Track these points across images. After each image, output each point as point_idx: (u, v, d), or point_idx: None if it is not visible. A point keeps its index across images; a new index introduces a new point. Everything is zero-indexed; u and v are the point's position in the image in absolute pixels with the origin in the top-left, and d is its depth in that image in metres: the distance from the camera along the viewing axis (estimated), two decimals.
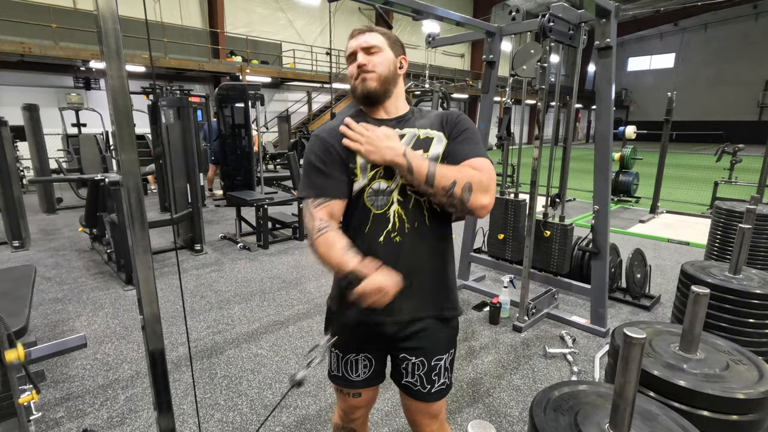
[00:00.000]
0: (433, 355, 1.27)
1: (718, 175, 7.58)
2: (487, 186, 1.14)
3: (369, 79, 1.19)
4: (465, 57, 24.01)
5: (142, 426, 2.09)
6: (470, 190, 1.11)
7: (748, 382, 1.29)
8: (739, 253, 2.01)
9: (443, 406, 1.37)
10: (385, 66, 1.20)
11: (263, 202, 4.90)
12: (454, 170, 1.13)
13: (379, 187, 1.20)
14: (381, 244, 1.20)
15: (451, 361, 1.32)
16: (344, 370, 1.33)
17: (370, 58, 1.20)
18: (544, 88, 2.82)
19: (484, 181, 1.13)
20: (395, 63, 1.23)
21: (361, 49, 1.20)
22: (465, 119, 1.25)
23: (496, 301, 3.19)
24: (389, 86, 1.22)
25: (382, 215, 1.20)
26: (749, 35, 25.64)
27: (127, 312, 3.32)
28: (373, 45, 1.20)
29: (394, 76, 1.23)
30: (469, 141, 1.21)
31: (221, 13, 13.77)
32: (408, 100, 1.32)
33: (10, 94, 10.46)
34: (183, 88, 7.99)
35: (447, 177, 1.11)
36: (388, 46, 1.22)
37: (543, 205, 3.42)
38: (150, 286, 1.22)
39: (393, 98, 1.25)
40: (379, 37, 1.22)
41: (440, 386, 1.29)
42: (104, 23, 1.03)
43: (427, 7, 2.84)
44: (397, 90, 1.25)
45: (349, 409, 1.40)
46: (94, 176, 4.09)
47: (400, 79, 1.26)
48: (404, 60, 1.26)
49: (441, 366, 1.28)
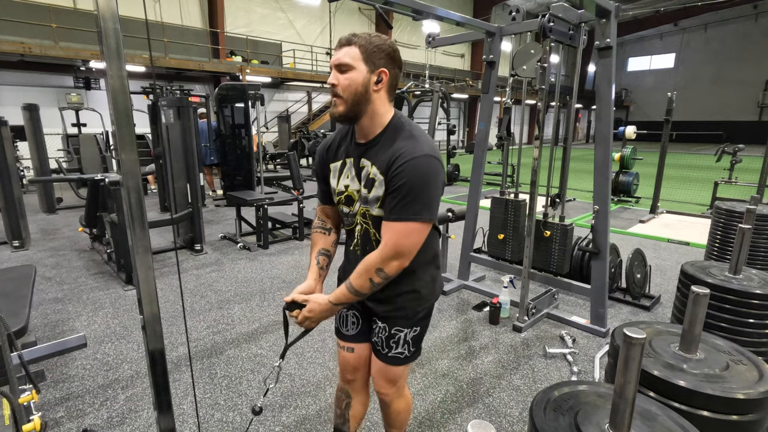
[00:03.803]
0: (394, 325, 1.42)
1: (718, 175, 7.58)
2: (391, 257, 1.24)
3: (337, 104, 1.25)
4: (465, 57, 24.01)
5: (142, 426, 2.09)
6: (379, 270, 1.25)
7: (748, 382, 1.29)
8: (739, 253, 2.02)
9: (401, 376, 1.51)
10: (352, 90, 1.22)
11: (263, 202, 4.90)
12: (362, 272, 1.27)
13: (343, 210, 1.41)
14: (351, 252, 1.45)
15: (413, 337, 1.44)
16: (339, 323, 1.55)
17: (340, 79, 1.23)
18: (544, 88, 2.82)
19: (386, 256, 1.24)
20: (368, 80, 1.23)
21: (334, 66, 1.24)
22: (407, 170, 1.20)
23: (496, 301, 3.19)
24: (359, 107, 1.25)
25: (350, 231, 1.43)
26: (749, 35, 25.64)
27: (127, 312, 3.32)
28: (345, 63, 1.22)
29: (364, 97, 1.24)
30: (396, 198, 1.22)
31: (221, 13, 13.77)
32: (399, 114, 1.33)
33: (10, 94, 10.47)
34: (183, 88, 7.98)
35: (363, 282, 1.27)
36: (364, 61, 1.22)
37: (543, 205, 3.42)
38: (150, 286, 1.22)
39: (367, 118, 1.27)
40: (354, 51, 1.22)
41: (396, 354, 1.44)
42: (104, 23, 1.03)
43: (427, 7, 2.84)
44: (371, 107, 1.26)
45: (344, 365, 1.57)
46: (94, 176, 4.08)
47: (378, 94, 1.25)
48: (384, 73, 1.25)
49: (400, 337, 1.42)
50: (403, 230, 1.22)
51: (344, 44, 1.23)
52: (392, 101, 1.32)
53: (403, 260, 1.25)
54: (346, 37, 1.24)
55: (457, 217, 4.05)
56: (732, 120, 26.34)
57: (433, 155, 1.23)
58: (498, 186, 8.13)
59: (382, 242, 1.26)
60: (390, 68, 1.26)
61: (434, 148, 1.26)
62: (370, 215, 1.33)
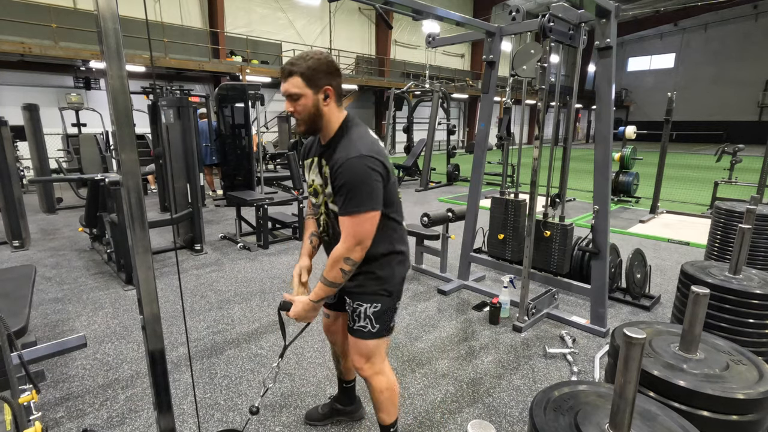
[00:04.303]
0: (356, 299, 1.61)
1: (718, 175, 7.58)
2: (354, 245, 1.44)
3: (299, 125, 1.50)
4: (465, 57, 24.01)
5: (142, 426, 2.09)
6: (347, 259, 1.45)
7: (748, 383, 1.29)
8: (739, 253, 2.02)
9: (373, 353, 1.66)
10: (306, 112, 1.45)
11: (263, 202, 4.90)
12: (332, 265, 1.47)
13: (312, 201, 1.67)
14: (323, 238, 1.69)
15: (374, 313, 1.60)
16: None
17: (294, 106, 1.45)
18: (544, 88, 2.82)
19: (349, 245, 1.44)
20: (317, 101, 1.45)
21: (285, 96, 1.46)
22: (344, 171, 1.41)
23: (496, 301, 3.19)
24: (316, 122, 1.49)
25: (318, 219, 1.67)
26: (749, 35, 25.65)
27: (127, 312, 3.32)
28: (293, 93, 1.43)
29: (317, 113, 1.47)
30: (341, 196, 1.44)
31: (221, 13, 13.77)
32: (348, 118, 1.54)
33: (10, 94, 10.47)
34: (183, 88, 7.97)
35: (335, 272, 1.47)
36: (308, 86, 1.42)
37: (543, 205, 3.42)
38: (150, 286, 1.22)
39: (325, 127, 1.51)
40: (297, 80, 1.41)
41: (360, 327, 1.62)
42: (104, 23, 1.03)
43: (427, 7, 2.84)
44: (326, 118, 1.49)
45: (325, 328, 1.93)
46: (94, 176, 4.08)
47: (328, 107, 1.48)
48: (328, 90, 1.45)
49: (361, 311, 1.60)
50: (354, 222, 1.42)
51: (287, 75, 1.42)
52: (342, 104, 1.53)
53: (364, 245, 1.46)
54: (287, 68, 1.42)
55: (457, 217, 4.05)
56: (732, 120, 26.34)
57: (367, 154, 1.41)
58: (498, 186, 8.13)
59: (342, 235, 1.45)
60: (332, 82, 1.46)
61: (370, 147, 1.44)
62: (330, 208, 1.56)
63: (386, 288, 1.60)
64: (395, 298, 1.64)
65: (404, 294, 3.66)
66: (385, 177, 1.47)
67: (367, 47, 18.97)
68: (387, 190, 1.50)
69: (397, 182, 1.60)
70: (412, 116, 11.17)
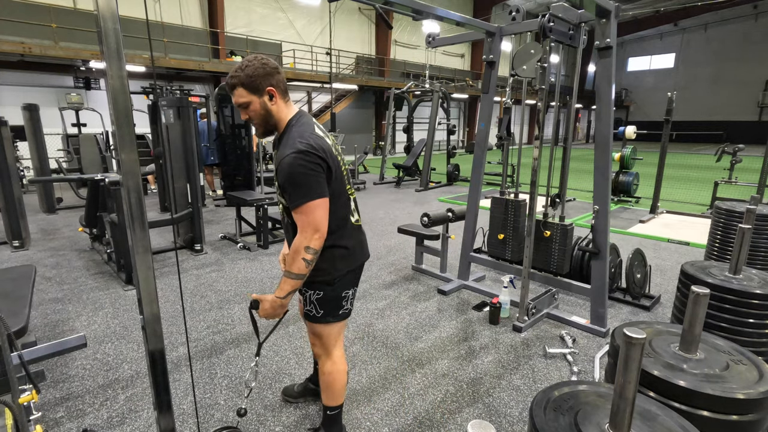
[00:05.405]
0: (304, 285, 1.70)
1: (718, 175, 7.59)
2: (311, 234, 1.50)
3: (257, 128, 1.63)
4: (465, 57, 24.01)
5: (142, 426, 2.09)
6: (307, 248, 1.50)
7: (748, 382, 1.29)
8: (739, 253, 2.02)
9: (322, 335, 1.77)
10: (258, 116, 1.57)
11: (263, 202, 4.90)
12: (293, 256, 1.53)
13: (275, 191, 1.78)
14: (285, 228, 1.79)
15: (317, 299, 1.70)
16: None
17: (248, 113, 1.56)
18: (544, 88, 2.82)
19: (307, 234, 1.50)
20: (264, 103, 1.55)
21: (237, 107, 1.57)
22: (282, 169, 1.50)
23: (496, 301, 3.19)
24: (269, 123, 1.60)
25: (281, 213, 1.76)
26: (749, 35, 25.64)
27: (127, 312, 3.32)
28: (242, 103, 1.54)
29: (268, 115, 1.57)
30: (287, 193, 1.52)
31: (221, 13, 13.77)
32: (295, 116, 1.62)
33: (10, 94, 10.47)
34: (183, 88, 7.96)
35: (298, 263, 1.52)
36: (251, 93, 1.52)
37: (543, 205, 3.42)
38: (150, 286, 1.22)
39: (277, 124, 1.61)
40: (240, 91, 1.51)
41: (307, 310, 1.73)
42: (104, 23, 1.03)
43: (427, 7, 2.84)
44: (276, 117, 1.59)
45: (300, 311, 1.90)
46: (94, 176, 4.08)
47: (276, 105, 1.57)
48: (271, 90, 1.54)
49: (307, 296, 1.71)
50: (304, 212, 1.50)
51: (231, 89, 1.53)
52: (288, 98, 1.61)
53: (321, 233, 1.51)
54: (229, 81, 1.52)
55: (457, 217, 4.05)
56: (732, 120, 26.34)
57: (303, 150, 1.47)
58: (498, 186, 8.14)
59: (298, 227, 1.52)
60: (272, 81, 1.53)
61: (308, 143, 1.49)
62: (282, 200, 1.65)
63: (325, 279, 1.66)
64: (339, 288, 1.70)
65: (404, 294, 3.68)
66: (325, 169, 1.53)
67: (367, 47, 18.97)
68: (330, 185, 1.56)
69: (345, 179, 1.67)
70: (412, 116, 11.17)
